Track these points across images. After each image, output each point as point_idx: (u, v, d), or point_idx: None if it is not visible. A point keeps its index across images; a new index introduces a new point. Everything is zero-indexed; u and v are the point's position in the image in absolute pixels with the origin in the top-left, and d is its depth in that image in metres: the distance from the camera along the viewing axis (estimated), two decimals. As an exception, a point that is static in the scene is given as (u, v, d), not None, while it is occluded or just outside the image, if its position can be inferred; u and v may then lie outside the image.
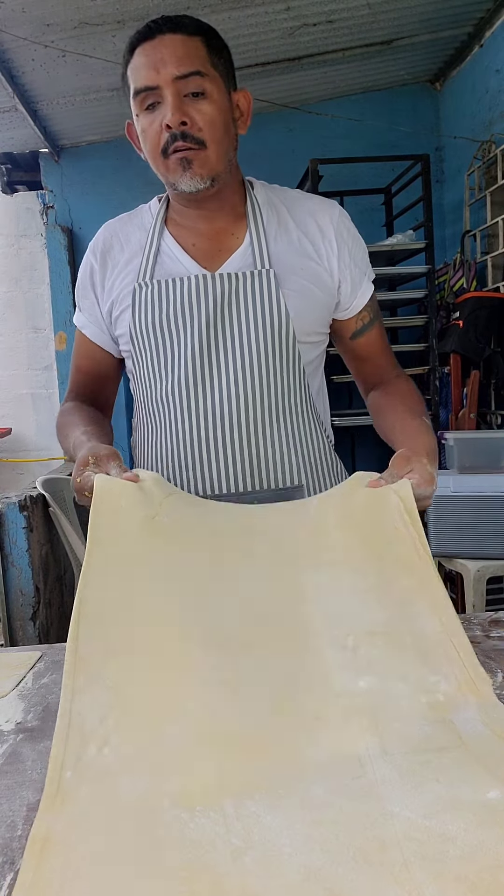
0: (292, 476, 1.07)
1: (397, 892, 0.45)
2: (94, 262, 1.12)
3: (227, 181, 1.04)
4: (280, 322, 1.02)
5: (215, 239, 1.07)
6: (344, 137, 3.25)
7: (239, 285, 1.02)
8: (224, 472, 1.04)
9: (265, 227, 1.06)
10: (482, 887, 0.45)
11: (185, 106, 0.95)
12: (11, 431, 3.70)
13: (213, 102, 0.96)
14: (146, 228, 1.10)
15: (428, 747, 0.61)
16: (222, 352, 1.03)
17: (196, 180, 0.99)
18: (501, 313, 2.61)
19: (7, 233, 3.62)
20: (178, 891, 0.46)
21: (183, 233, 1.08)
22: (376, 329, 1.15)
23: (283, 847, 0.49)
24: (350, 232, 1.10)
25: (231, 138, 1.01)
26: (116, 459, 0.89)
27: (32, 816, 0.54)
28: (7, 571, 2.56)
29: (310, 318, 1.06)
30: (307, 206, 1.10)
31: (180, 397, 1.04)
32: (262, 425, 1.04)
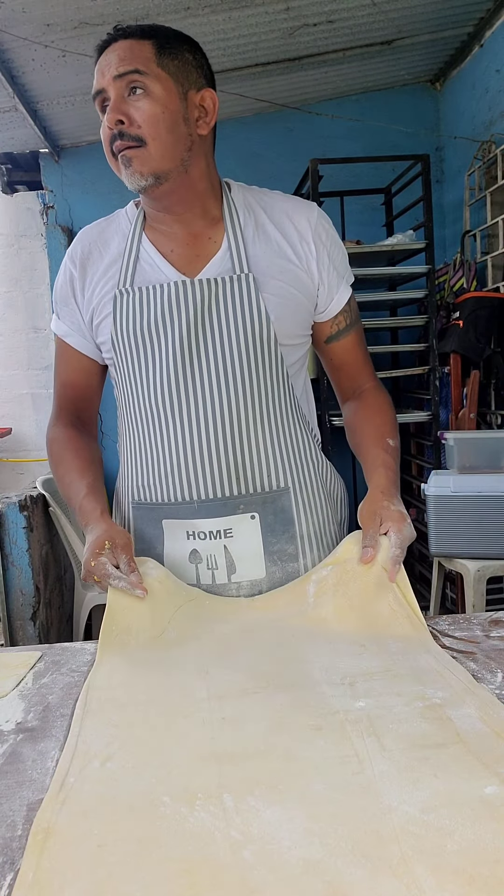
0: (278, 479, 1.07)
1: (395, 885, 0.45)
2: (73, 270, 1.11)
3: (185, 181, 1.02)
4: (261, 326, 1.03)
5: (193, 244, 1.07)
6: (344, 137, 3.25)
7: (218, 290, 1.02)
8: (210, 478, 1.04)
9: (242, 230, 1.06)
10: (480, 881, 0.45)
11: (124, 105, 0.96)
12: (11, 431, 3.70)
13: (153, 100, 0.96)
14: (124, 234, 1.10)
15: (426, 743, 0.62)
16: (203, 357, 1.03)
17: (137, 177, 0.99)
18: (501, 313, 2.61)
19: (7, 233, 3.62)
20: (177, 883, 0.46)
21: (161, 238, 1.08)
22: (353, 336, 1.15)
23: (283, 841, 0.50)
24: (329, 234, 1.10)
25: (180, 137, 0.99)
26: (129, 552, 0.95)
27: (32, 816, 0.55)
28: (7, 571, 2.56)
29: (291, 320, 1.06)
30: (285, 208, 1.09)
31: (163, 403, 1.04)
32: (247, 429, 1.04)
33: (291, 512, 1.07)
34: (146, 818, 0.53)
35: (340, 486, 1.20)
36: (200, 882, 0.47)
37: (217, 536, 1.05)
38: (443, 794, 0.54)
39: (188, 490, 1.05)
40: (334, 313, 1.11)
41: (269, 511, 1.06)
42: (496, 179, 2.72)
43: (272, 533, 1.06)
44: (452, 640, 0.85)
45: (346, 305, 1.12)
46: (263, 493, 1.06)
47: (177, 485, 1.05)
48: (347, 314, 1.13)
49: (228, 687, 0.75)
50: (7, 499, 2.63)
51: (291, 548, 1.07)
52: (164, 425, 1.05)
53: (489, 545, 2.21)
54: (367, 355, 1.18)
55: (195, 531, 1.05)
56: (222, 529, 1.04)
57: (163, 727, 0.67)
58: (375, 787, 0.56)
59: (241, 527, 1.05)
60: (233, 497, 1.05)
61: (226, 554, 1.05)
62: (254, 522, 1.05)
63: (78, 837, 0.52)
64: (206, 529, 1.05)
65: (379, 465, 1.05)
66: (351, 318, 1.14)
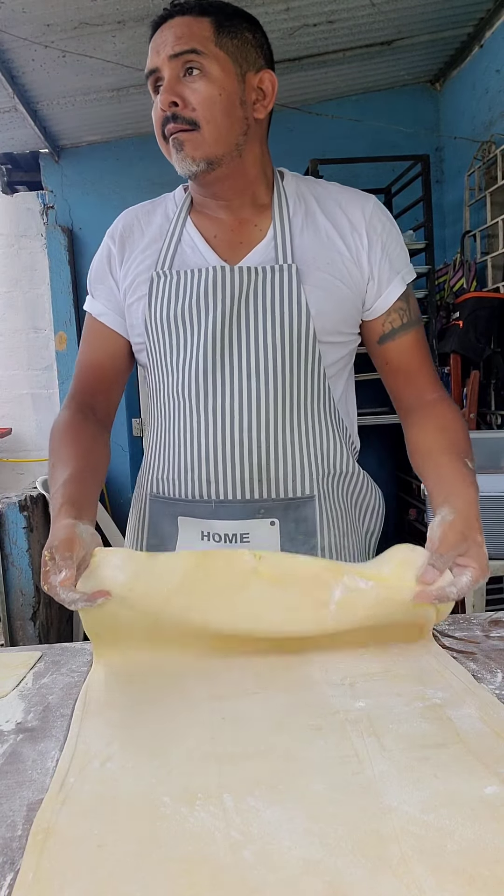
0: (303, 486, 1.00)
1: (395, 885, 0.45)
2: (112, 247, 1.07)
3: (238, 167, 0.97)
4: (300, 319, 0.97)
5: (237, 230, 1.02)
6: (344, 137, 3.25)
7: (258, 280, 0.97)
8: (231, 477, 0.98)
9: (291, 219, 1.00)
10: (480, 881, 0.45)
11: (179, 86, 0.92)
12: (11, 431, 3.70)
13: (210, 82, 0.91)
14: (169, 216, 1.06)
15: (426, 743, 0.62)
16: (236, 349, 0.97)
17: (188, 162, 0.94)
18: (501, 313, 2.62)
19: (7, 233, 3.62)
20: (177, 883, 0.47)
21: (205, 223, 1.03)
22: (411, 337, 1.04)
23: (283, 841, 0.50)
24: (385, 226, 1.02)
25: (236, 121, 0.94)
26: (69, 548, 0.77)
27: (32, 816, 0.55)
28: (7, 571, 2.56)
29: (334, 316, 0.99)
30: (338, 198, 1.03)
31: (188, 394, 0.99)
32: (275, 429, 0.98)
33: (314, 522, 1.00)
34: (146, 818, 0.53)
35: (375, 498, 1.11)
36: (200, 882, 0.47)
37: (233, 540, 0.98)
38: (443, 794, 0.54)
39: (206, 488, 0.99)
40: (384, 309, 1.02)
41: (291, 518, 1.00)
42: (496, 180, 2.72)
43: (291, 542, 0.99)
44: (452, 640, 0.85)
45: (402, 302, 1.03)
46: (286, 499, 0.99)
47: (195, 481, 1.00)
48: (403, 312, 1.03)
49: (228, 687, 0.75)
50: (7, 499, 2.63)
51: None
52: (187, 417, 1.00)
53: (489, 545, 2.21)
54: (428, 360, 1.06)
55: (211, 532, 1.00)
56: (239, 533, 0.98)
57: (163, 727, 0.67)
58: (375, 787, 0.56)
59: (259, 532, 0.99)
60: (253, 500, 0.99)
61: None
62: (273, 529, 0.99)
63: (78, 837, 0.52)
64: (223, 532, 0.99)
65: (467, 482, 0.89)
66: (408, 316, 1.04)
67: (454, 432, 0.97)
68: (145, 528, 1.07)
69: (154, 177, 3.33)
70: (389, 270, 1.01)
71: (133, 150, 3.42)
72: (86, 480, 0.92)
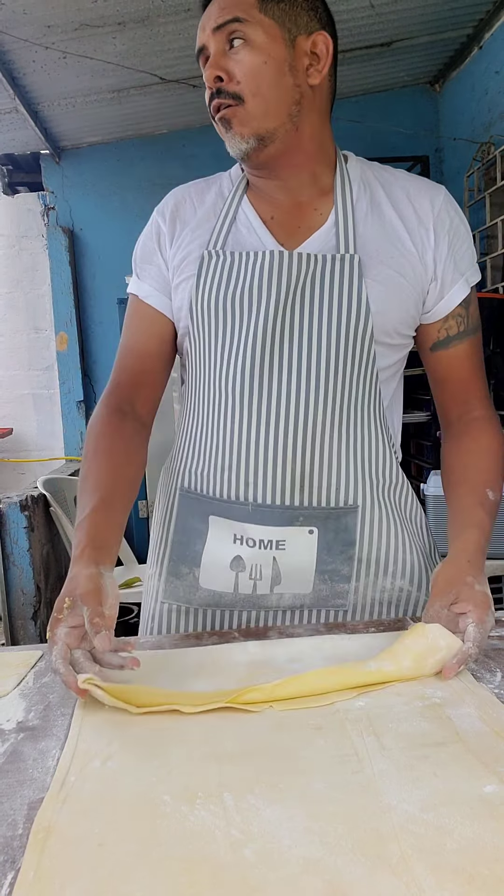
0: (347, 495, 0.94)
1: (395, 883, 0.45)
2: (161, 224, 0.99)
3: (294, 141, 0.90)
4: (358, 316, 0.90)
5: (297, 213, 0.95)
6: (343, 138, 3.22)
7: (317, 269, 0.90)
8: (270, 481, 0.92)
9: (354, 204, 0.94)
10: (479, 880, 0.45)
11: (223, 60, 0.86)
12: (12, 431, 3.70)
13: (254, 50, 0.85)
14: (224, 194, 0.99)
15: (425, 742, 0.62)
16: (287, 344, 0.91)
17: (237, 140, 0.88)
18: (501, 314, 2.62)
19: (8, 234, 3.63)
20: (178, 882, 0.47)
21: (262, 203, 0.96)
22: (465, 346, 0.97)
23: (283, 839, 0.50)
24: (453, 222, 0.95)
25: (285, 89, 0.87)
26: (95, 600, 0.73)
27: (33, 815, 0.55)
28: (8, 571, 2.57)
29: (394, 315, 0.92)
30: (406, 187, 0.96)
31: (234, 387, 0.92)
32: (321, 434, 0.92)
33: (354, 533, 0.94)
34: (147, 817, 0.54)
35: (420, 511, 1.04)
36: (201, 881, 0.47)
37: (268, 546, 0.93)
38: (442, 793, 0.55)
39: (244, 490, 0.93)
40: (444, 314, 0.96)
41: (331, 528, 0.94)
42: (495, 181, 2.72)
43: (329, 552, 0.94)
44: (452, 640, 0.85)
45: (462, 308, 0.96)
46: (328, 508, 0.93)
47: (233, 481, 0.93)
48: (462, 319, 0.97)
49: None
50: (8, 499, 2.63)
51: (346, 569, 0.95)
52: (230, 411, 0.93)
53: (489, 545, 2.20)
54: (479, 374, 0.99)
55: (245, 536, 0.93)
56: (275, 540, 0.92)
57: (163, 726, 0.67)
58: (375, 785, 0.56)
59: (296, 540, 0.93)
60: (292, 507, 0.92)
61: (273, 565, 0.93)
62: (311, 538, 0.93)
63: (79, 836, 0.52)
64: (257, 537, 0.93)
65: (469, 523, 0.87)
66: (466, 324, 0.97)
67: (485, 459, 0.93)
68: (171, 522, 1.00)
69: (154, 177, 3.34)
70: (454, 271, 0.95)
71: (134, 151, 3.42)
72: (114, 507, 0.88)
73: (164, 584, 0.99)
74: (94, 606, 0.73)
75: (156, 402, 1.03)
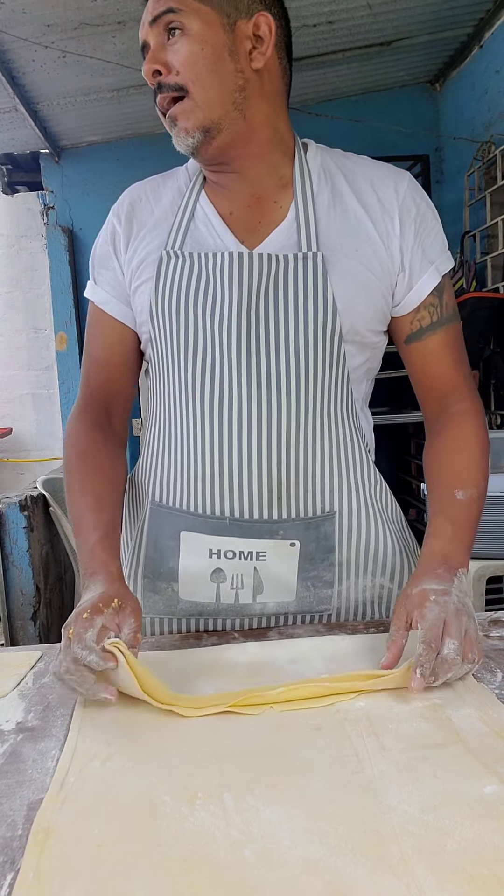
0: (324, 503, 0.91)
1: (395, 884, 0.45)
2: (117, 226, 0.96)
3: (243, 130, 0.86)
4: (325, 317, 0.87)
5: (256, 207, 0.91)
6: (344, 138, 3.23)
7: (279, 269, 0.86)
8: (247, 493, 0.88)
9: (315, 196, 0.90)
10: (479, 880, 0.45)
11: (161, 53, 0.83)
12: (12, 431, 3.70)
13: (190, 38, 0.82)
14: (181, 190, 0.95)
15: (426, 743, 0.62)
16: (255, 347, 0.87)
17: (183, 137, 0.85)
18: (501, 314, 2.62)
19: (7, 233, 3.62)
20: (178, 882, 0.47)
21: (221, 199, 0.92)
22: (440, 337, 0.93)
23: (283, 840, 0.50)
24: (420, 209, 0.91)
25: (227, 75, 0.83)
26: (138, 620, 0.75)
27: (33, 815, 0.55)
28: (8, 571, 2.56)
29: (363, 312, 0.89)
30: (370, 175, 0.92)
31: (202, 396, 0.89)
32: (296, 443, 0.89)
33: (333, 539, 0.92)
34: (146, 817, 0.54)
35: (398, 508, 1.02)
36: (201, 881, 0.47)
37: (248, 558, 0.90)
38: (442, 794, 0.54)
39: (220, 504, 0.89)
40: (415, 305, 0.92)
41: (312, 538, 0.91)
42: (496, 180, 2.72)
43: (310, 561, 0.92)
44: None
45: (433, 297, 0.91)
46: (307, 518, 0.91)
47: (208, 494, 0.90)
48: (435, 308, 0.92)
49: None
50: (7, 499, 2.63)
51: (329, 575, 0.93)
52: (200, 420, 0.89)
53: (489, 545, 2.21)
54: (460, 364, 0.94)
55: (223, 550, 0.90)
56: (255, 552, 0.90)
57: (163, 727, 0.67)
58: (375, 786, 0.56)
59: (276, 551, 0.90)
60: (272, 521, 0.89)
61: (255, 575, 0.91)
62: (293, 550, 0.91)
63: (78, 837, 0.52)
64: (237, 549, 0.90)
65: (438, 532, 0.83)
66: (440, 313, 0.92)
67: (459, 457, 0.89)
68: (143, 538, 0.96)
69: (154, 177, 3.33)
70: (422, 260, 0.90)
71: (133, 151, 3.42)
72: (119, 530, 0.88)
73: (143, 601, 0.95)
74: (140, 623, 0.75)
75: (128, 413, 1.01)
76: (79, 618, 0.72)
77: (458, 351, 0.95)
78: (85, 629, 0.71)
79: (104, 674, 0.71)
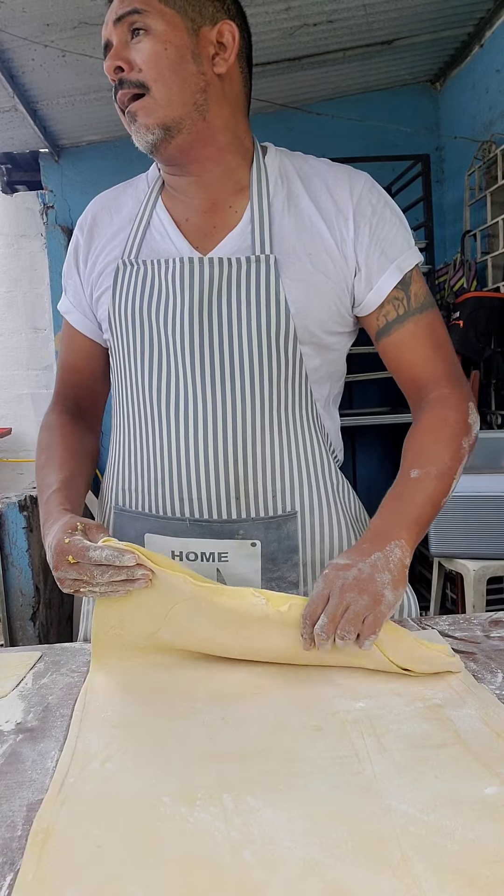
0: (285, 502, 0.91)
1: (396, 885, 0.45)
2: (79, 238, 0.99)
3: (203, 132, 0.87)
4: (278, 319, 0.87)
5: (211, 213, 0.92)
6: (344, 137, 3.25)
7: (231, 273, 0.87)
8: (206, 495, 0.89)
9: (270, 200, 0.90)
10: (480, 881, 0.45)
11: (125, 51, 0.85)
12: (11, 431, 3.70)
13: (154, 38, 0.83)
14: (139, 199, 0.97)
15: (426, 744, 0.62)
16: (208, 351, 0.88)
17: (143, 132, 0.86)
18: (501, 313, 2.62)
19: (7, 233, 3.62)
20: (177, 883, 0.46)
21: (177, 205, 0.94)
22: (411, 328, 0.91)
23: (283, 841, 0.50)
24: (376, 208, 0.91)
25: (189, 76, 0.85)
26: (104, 532, 0.80)
27: (32, 816, 0.55)
28: (7, 571, 2.56)
29: (317, 314, 0.89)
30: (325, 177, 0.92)
31: (159, 399, 0.90)
32: (253, 442, 0.89)
33: (297, 539, 0.92)
34: (146, 818, 0.53)
35: (363, 510, 1.02)
36: (200, 882, 0.46)
37: (210, 559, 0.90)
38: (443, 795, 0.54)
39: (180, 505, 0.90)
40: (377, 303, 0.91)
41: (273, 538, 0.91)
42: (496, 179, 2.72)
43: (273, 561, 0.92)
44: (452, 641, 0.85)
45: (398, 291, 0.90)
46: (267, 518, 0.91)
47: (167, 496, 0.91)
48: (399, 302, 0.91)
49: (229, 688, 0.75)
50: (7, 499, 2.63)
51: (293, 575, 0.93)
52: (157, 424, 0.91)
53: (489, 545, 2.21)
54: (435, 352, 0.92)
55: (185, 551, 0.91)
56: (217, 552, 0.90)
57: (162, 727, 0.67)
58: (375, 787, 0.56)
59: (238, 552, 0.90)
60: (231, 521, 0.90)
61: (217, 577, 0.91)
62: (254, 550, 0.91)
63: (78, 838, 0.52)
64: (198, 550, 0.90)
65: (383, 503, 0.84)
66: (407, 306, 0.91)
67: (429, 437, 0.88)
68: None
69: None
70: (381, 259, 0.90)
71: (133, 150, 3.38)
72: (80, 487, 0.92)
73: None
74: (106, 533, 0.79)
75: (100, 411, 1.06)
76: (60, 543, 0.77)
77: (431, 339, 0.93)
78: (74, 543, 0.76)
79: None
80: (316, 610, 0.73)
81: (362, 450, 3.32)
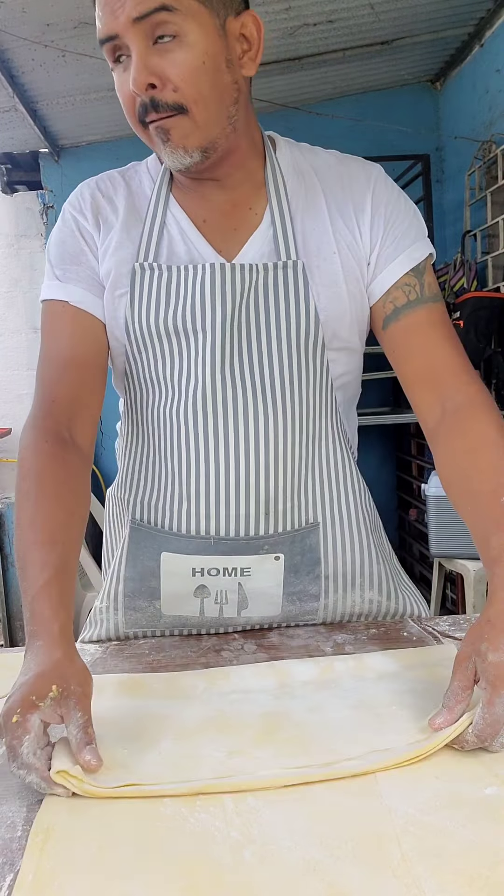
0: (308, 514, 0.89)
1: (396, 886, 0.45)
2: (83, 222, 0.88)
3: (232, 144, 0.81)
4: (307, 328, 0.84)
5: (231, 214, 0.86)
6: (344, 137, 3.24)
7: (259, 280, 0.83)
8: (234, 511, 0.85)
9: (290, 200, 0.85)
10: (480, 881, 0.45)
11: (153, 59, 0.73)
12: (11, 432, 3.70)
13: (189, 47, 0.73)
14: (146, 193, 0.89)
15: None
16: (238, 363, 0.84)
17: (179, 154, 0.78)
18: (502, 313, 2.61)
19: (7, 233, 3.62)
20: (177, 884, 0.46)
21: (193, 204, 0.87)
22: (424, 314, 0.85)
23: (283, 841, 0.50)
24: (390, 199, 0.87)
25: (226, 89, 0.77)
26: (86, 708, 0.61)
27: (32, 817, 0.55)
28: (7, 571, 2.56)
29: (345, 319, 0.86)
30: (340, 173, 0.88)
31: (185, 413, 0.85)
32: (283, 458, 0.85)
33: (319, 551, 0.89)
34: (146, 819, 0.53)
35: (378, 517, 0.98)
36: (200, 883, 0.46)
37: (233, 574, 0.87)
38: (443, 795, 0.54)
39: (205, 523, 0.86)
40: (385, 289, 0.86)
41: (297, 551, 0.89)
42: (496, 179, 2.72)
43: (295, 574, 0.89)
44: (453, 641, 0.85)
45: (410, 277, 0.85)
46: (293, 531, 0.88)
47: (192, 514, 0.86)
48: (411, 288, 0.85)
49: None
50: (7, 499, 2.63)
51: (314, 588, 0.90)
52: (183, 439, 0.86)
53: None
54: (451, 341, 0.84)
55: (206, 568, 0.87)
56: (240, 568, 0.87)
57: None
58: (376, 787, 0.56)
59: (262, 566, 0.88)
60: (258, 537, 0.86)
61: (239, 591, 0.88)
62: (278, 563, 0.88)
63: (78, 838, 0.52)
64: (221, 566, 0.87)
65: (490, 559, 0.66)
66: (420, 293, 0.85)
67: (484, 457, 0.75)
68: (123, 556, 0.92)
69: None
70: (393, 245, 0.86)
71: (133, 150, 3.40)
72: (72, 576, 0.73)
73: (124, 618, 0.92)
74: (88, 713, 0.61)
75: (95, 427, 0.89)
76: (8, 722, 0.58)
77: (447, 329, 0.86)
78: (19, 740, 0.57)
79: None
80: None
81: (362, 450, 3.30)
